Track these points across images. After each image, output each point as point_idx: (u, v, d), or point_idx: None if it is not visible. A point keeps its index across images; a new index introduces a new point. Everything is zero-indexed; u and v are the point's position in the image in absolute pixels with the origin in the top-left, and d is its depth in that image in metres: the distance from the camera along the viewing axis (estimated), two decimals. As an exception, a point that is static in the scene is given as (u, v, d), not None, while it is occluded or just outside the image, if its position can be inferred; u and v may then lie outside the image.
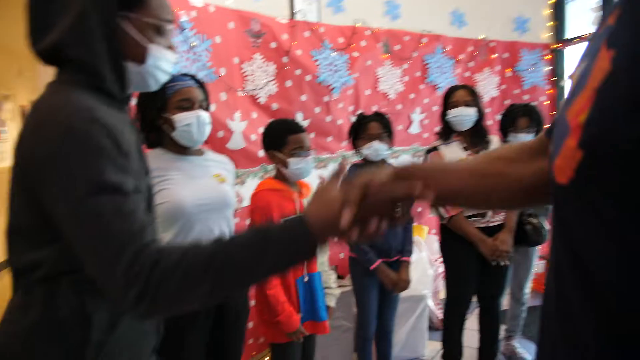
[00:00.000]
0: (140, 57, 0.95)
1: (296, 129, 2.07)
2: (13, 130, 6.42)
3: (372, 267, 2.31)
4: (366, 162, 2.44)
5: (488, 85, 3.96)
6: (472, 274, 2.43)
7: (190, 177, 1.70)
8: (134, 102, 2.14)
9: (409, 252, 2.45)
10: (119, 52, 0.91)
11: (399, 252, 2.42)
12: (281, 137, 2.05)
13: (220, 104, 2.63)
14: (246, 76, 2.80)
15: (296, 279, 2.00)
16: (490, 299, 2.51)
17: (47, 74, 0.97)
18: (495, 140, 2.52)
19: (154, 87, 1.03)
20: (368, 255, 2.32)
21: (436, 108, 3.79)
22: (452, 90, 2.51)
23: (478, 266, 2.41)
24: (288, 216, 1.91)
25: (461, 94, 2.43)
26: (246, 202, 2.83)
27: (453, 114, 2.40)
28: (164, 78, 1.04)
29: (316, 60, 3.10)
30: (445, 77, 3.75)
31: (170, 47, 1.01)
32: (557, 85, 4.12)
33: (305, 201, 2.06)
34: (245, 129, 2.76)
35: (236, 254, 0.77)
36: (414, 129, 3.71)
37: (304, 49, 3.04)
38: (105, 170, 0.79)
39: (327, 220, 0.77)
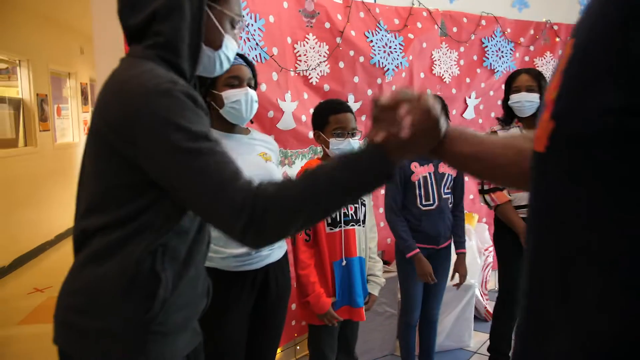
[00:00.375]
0: (216, 43, 1.04)
1: (339, 108, 2.02)
2: (74, 107, 6.73)
3: (408, 255, 2.26)
4: None
5: (550, 70, 3.76)
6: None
7: (237, 154, 1.69)
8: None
9: (463, 243, 2.40)
10: (201, 35, 0.98)
11: (447, 239, 2.37)
12: (324, 117, 2.02)
13: (271, 83, 2.62)
14: (299, 56, 2.78)
15: (333, 262, 1.98)
16: None
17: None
18: None
19: (218, 71, 1.10)
20: (408, 242, 2.27)
21: (492, 93, 3.65)
22: (515, 75, 2.39)
23: None
24: None
25: (524, 78, 2.32)
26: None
27: (515, 99, 2.30)
28: (227, 65, 1.11)
29: (370, 42, 3.03)
30: (504, 61, 3.59)
31: (236, 38, 1.10)
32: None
33: None
34: (296, 109, 2.75)
35: (325, 181, 0.86)
36: (469, 113, 3.59)
37: (357, 30, 2.98)
38: (195, 121, 0.88)
39: (398, 141, 0.84)
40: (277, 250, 1.79)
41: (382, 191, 2.72)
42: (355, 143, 2.00)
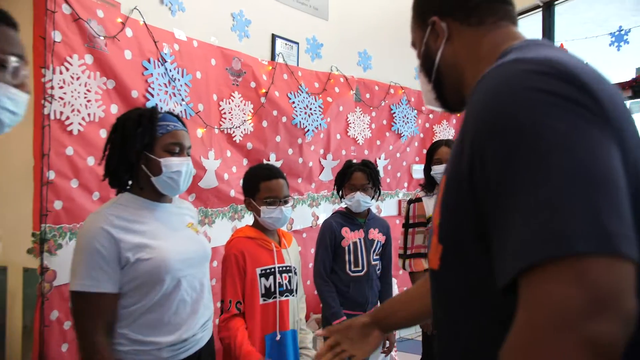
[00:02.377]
0: None
1: (270, 175, 1.92)
2: None
3: (334, 323, 2.22)
4: (349, 211, 2.40)
5: (445, 137, 4.15)
6: None
7: (170, 228, 1.50)
8: (104, 134, 2.01)
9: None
10: None
11: (374, 305, 2.36)
12: (254, 183, 1.92)
13: (195, 140, 2.53)
14: (224, 114, 2.73)
15: (265, 336, 1.83)
16: None
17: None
18: None
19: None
20: (334, 309, 2.22)
21: (399, 155, 3.91)
22: (436, 147, 2.53)
23: None
24: (264, 266, 1.82)
25: (444, 150, 2.49)
26: (214, 243, 2.74)
27: (436, 170, 2.46)
28: (8, 119, 0.92)
29: (292, 103, 3.10)
30: (409, 126, 3.89)
31: (20, 86, 0.91)
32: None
33: (286, 252, 1.97)
34: (219, 167, 2.68)
35: None
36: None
37: (281, 91, 3.04)
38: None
39: None
40: (207, 332, 1.63)
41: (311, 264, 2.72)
42: (288, 211, 1.91)
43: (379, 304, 2.38)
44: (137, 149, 1.43)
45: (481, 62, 0.75)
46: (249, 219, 2.92)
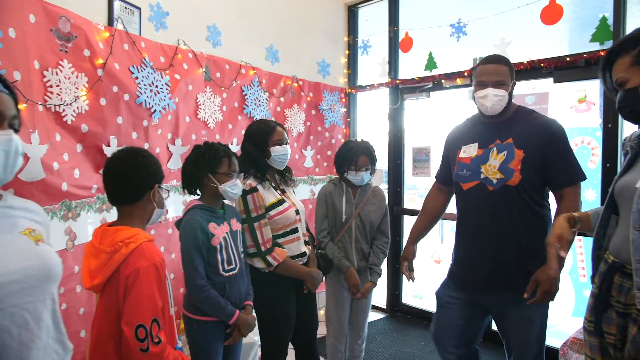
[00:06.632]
0: None
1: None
2: None
3: (231, 322, 1.98)
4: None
5: (296, 121, 4.09)
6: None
7: None
8: None
9: (251, 296, 2.22)
10: None
11: (247, 297, 2.17)
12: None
13: (12, 120, 1.95)
14: (50, 87, 2.18)
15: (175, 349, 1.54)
16: None
17: None
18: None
19: None
20: (226, 309, 1.95)
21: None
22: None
23: None
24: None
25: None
26: (79, 240, 2.34)
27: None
28: None
29: (136, 78, 2.65)
30: (261, 109, 3.70)
31: None
32: (350, 125, 4.55)
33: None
34: (46, 154, 2.13)
35: None
36: (230, 161, 3.52)
37: (122, 64, 2.56)
38: None
39: None
40: None
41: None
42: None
43: (250, 296, 2.15)
44: None
45: None
46: (91, 216, 2.41)
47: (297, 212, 2.32)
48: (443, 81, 3.74)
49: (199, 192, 2.06)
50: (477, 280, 2.07)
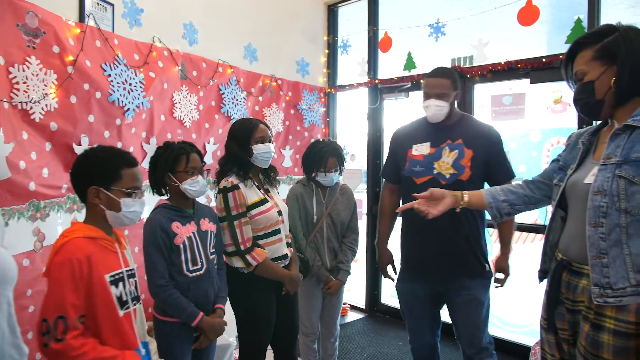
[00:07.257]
0: None
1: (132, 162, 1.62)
2: None
3: (194, 324, 1.94)
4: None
5: (275, 121, 4.06)
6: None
7: None
8: None
9: (223, 299, 2.18)
10: None
11: (216, 299, 2.12)
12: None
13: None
14: (16, 84, 2.12)
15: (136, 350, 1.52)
16: None
17: None
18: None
19: None
20: (188, 309, 1.91)
21: (230, 140, 3.66)
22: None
23: None
24: (113, 271, 1.44)
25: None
26: (49, 241, 2.29)
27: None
28: None
29: (109, 75, 2.59)
30: (239, 108, 3.66)
31: None
32: (329, 124, 4.53)
33: (127, 253, 1.61)
34: (12, 153, 2.07)
35: None
36: (208, 159, 3.47)
37: (93, 61, 2.51)
38: None
39: None
40: None
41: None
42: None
43: (222, 299, 2.11)
44: None
45: None
46: (61, 216, 2.35)
47: (280, 213, 2.28)
48: (422, 81, 3.74)
49: (169, 193, 2.03)
50: (435, 269, 2.22)
